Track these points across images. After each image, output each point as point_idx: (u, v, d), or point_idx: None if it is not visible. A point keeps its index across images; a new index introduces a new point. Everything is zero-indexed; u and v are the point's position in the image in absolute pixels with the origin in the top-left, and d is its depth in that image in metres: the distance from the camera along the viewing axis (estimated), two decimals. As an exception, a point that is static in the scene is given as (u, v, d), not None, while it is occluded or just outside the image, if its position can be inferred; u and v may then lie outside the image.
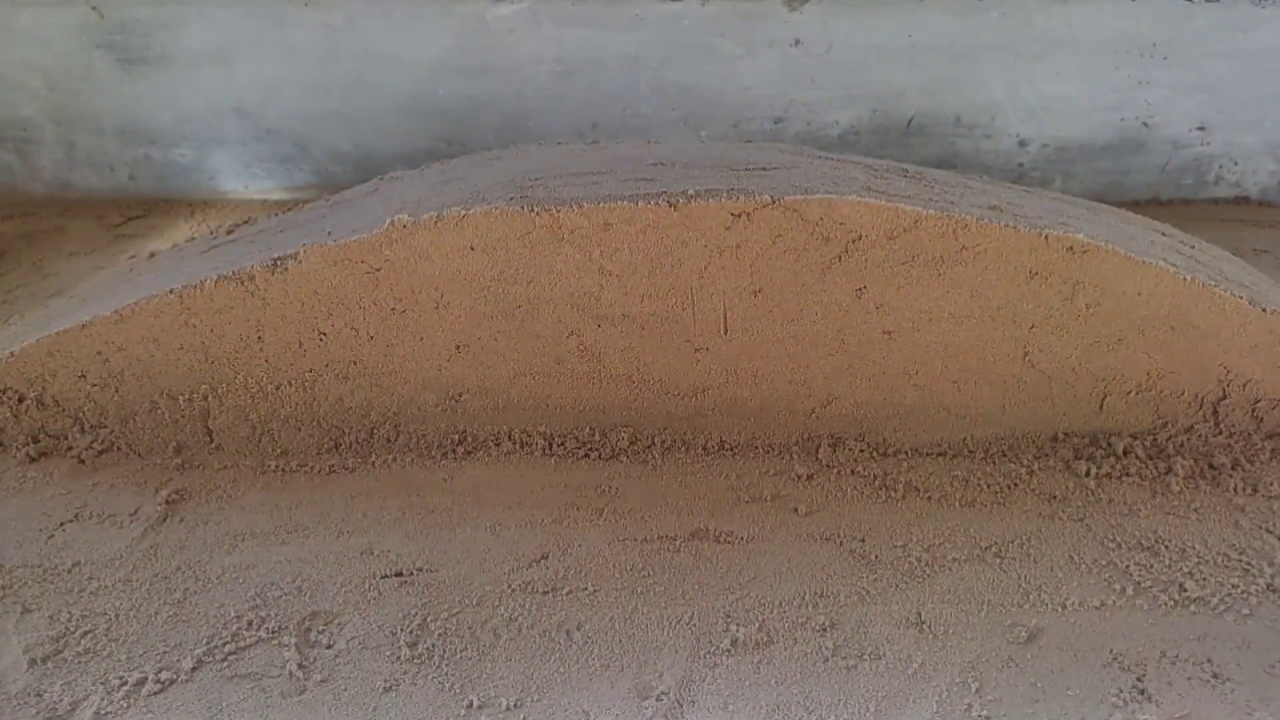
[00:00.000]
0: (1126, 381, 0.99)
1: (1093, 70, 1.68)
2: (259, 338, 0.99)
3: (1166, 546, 0.86)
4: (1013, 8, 1.67)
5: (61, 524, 0.91)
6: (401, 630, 0.78)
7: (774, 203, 0.93)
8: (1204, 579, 0.82)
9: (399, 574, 0.84)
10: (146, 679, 0.73)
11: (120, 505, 0.93)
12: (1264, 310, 0.94)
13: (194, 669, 0.74)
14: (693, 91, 1.78)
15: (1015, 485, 0.95)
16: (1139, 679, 0.72)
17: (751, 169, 1.05)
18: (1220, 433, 0.99)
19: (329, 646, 0.76)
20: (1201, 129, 1.79)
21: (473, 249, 0.95)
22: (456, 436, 1.03)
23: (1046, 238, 0.91)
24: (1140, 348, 0.97)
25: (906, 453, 1.00)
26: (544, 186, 1.00)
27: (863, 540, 0.87)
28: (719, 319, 0.98)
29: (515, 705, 0.71)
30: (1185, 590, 0.80)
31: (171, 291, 0.97)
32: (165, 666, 0.74)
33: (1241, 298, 0.94)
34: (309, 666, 0.74)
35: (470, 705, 0.71)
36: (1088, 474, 0.96)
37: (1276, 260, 1.57)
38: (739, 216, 0.94)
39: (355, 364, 1.00)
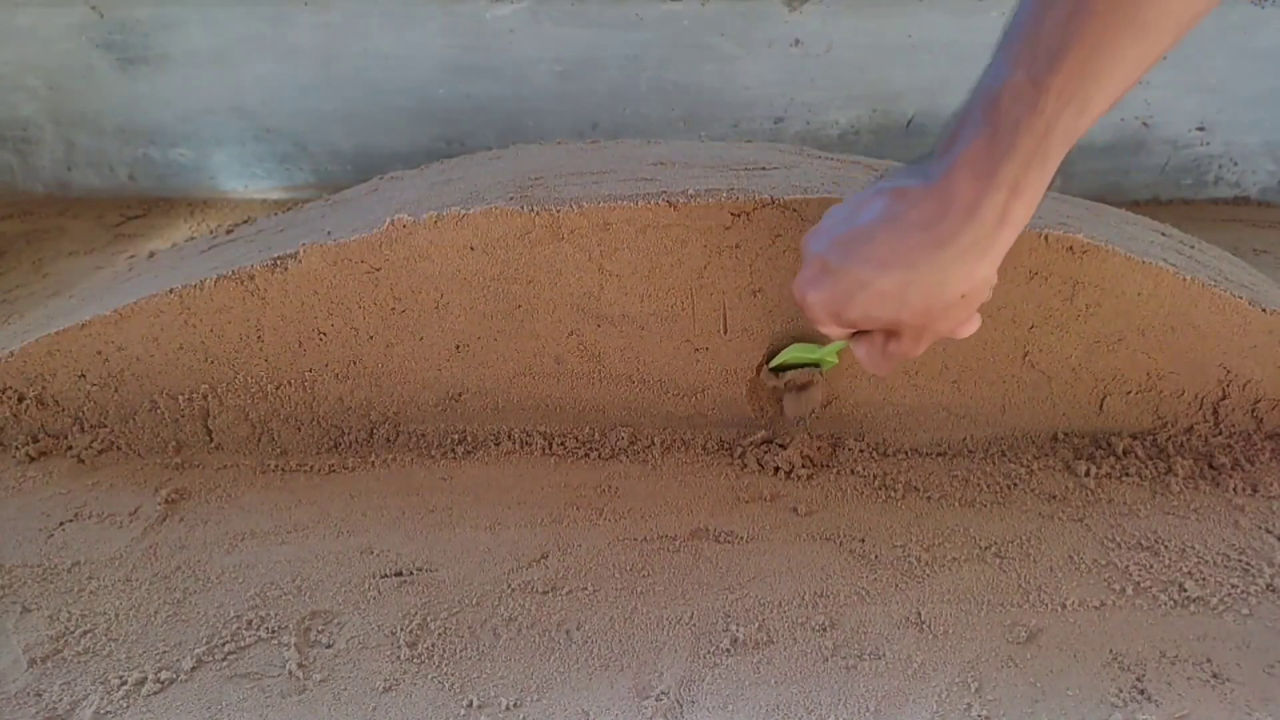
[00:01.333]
0: (1126, 381, 0.99)
1: (1093, 70, 1.68)
2: (259, 337, 0.99)
3: (1166, 546, 0.86)
4: (1013, 8, 1.67)
5: (61, 523, 0.90)
6: (401, 630, 0.77)
7: (773, 202, 0.93)
8: (1204, 579, 0.82)
9: (399, 573, 0.84)
10: (146, 678, 0.73)
11: (120, 505, 0.93)
12: (1264, 310, 0.94)
13: (194, 668, 0.74)
14: (693, 91, 1.78)
15: (1015, 485, 0.95)
16: (1139, 679, 0.72)
17: (751, 169, 1.05)
18: (1220, 433, 0.99)
19: (329, 646, 0.76)
20: (1201, 129, 1.79)
21: (473, 249, 0.95)
22: (456, 436, 1.03)
23: (1046, 238, 0.91)
24: (1140, 348, 0.97)
25: (906, 453, 1.00)
26: (544, 186, 1.01)
27: (863, 540, 0.87)
28: (719, 319, 0.98)
29: (515, 705, 0.71)
30: (1185, 590, 0.80)
31: (171, 291, 0.97)
32: (165, 666, 0.74)
33: (1241, 298, 0.93)
34: (309, 666, 0.74)
35: (470, 705, 0.71)
36: (1088, 474, 0.96)
37: (1276, 260, 1.57)
38: (739, 216, 0.94)
39: (355, 364, 1.00)
